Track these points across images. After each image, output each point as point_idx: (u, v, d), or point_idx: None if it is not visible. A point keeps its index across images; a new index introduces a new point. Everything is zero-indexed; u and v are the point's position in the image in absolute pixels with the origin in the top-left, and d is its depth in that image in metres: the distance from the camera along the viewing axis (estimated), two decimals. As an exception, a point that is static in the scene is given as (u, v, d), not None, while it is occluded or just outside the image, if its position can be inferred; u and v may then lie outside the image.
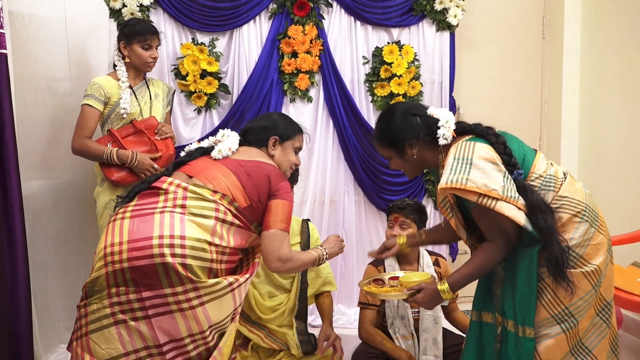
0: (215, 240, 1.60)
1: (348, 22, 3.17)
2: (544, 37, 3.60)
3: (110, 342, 1.52)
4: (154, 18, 2.98)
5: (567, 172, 1.69)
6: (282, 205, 1.72)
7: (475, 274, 1.62)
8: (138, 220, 1.58)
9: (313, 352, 2.20)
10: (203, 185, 1.67)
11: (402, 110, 1.72)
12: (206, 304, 1.54)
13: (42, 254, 2.52)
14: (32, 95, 2.47)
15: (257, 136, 1.89)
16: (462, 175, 1.51)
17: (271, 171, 1.76)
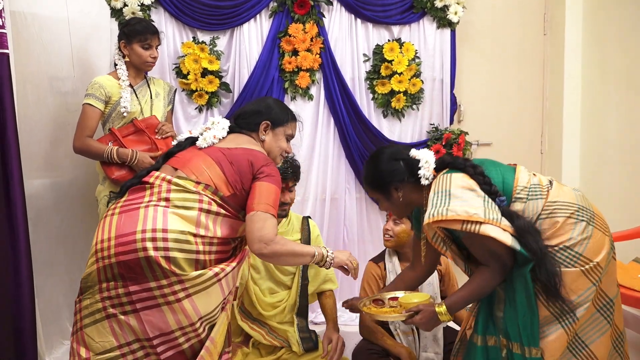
0: (200, 232, 1.60)
1: (348, 20, 3.17)
2: (545, 33, 3.59)
3: (103, 335, 1.55)
4: (155, 17, 2.99)
5: (552, 179, 1.73)
6: (265, 187, 1.66)
7: (473, 297, 1.67)
8: (125, 215, 1.60)
9: (314, 349, 2.21)
10: (186, 177, 1.67)
11: (387, 156, 1.80)
12: (193, 295, 1.55)
13: (45, 251, 2.53)
14: (34, 94, 2.48)
15: (248, 120, 1.85)
16: (442, 207, 1.56)
17: (255, 156, 1.72)
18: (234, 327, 2.27)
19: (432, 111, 3.32)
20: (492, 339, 1.69)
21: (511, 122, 3.62)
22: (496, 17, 3.52)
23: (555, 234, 1.60)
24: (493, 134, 3.58)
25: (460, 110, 3.48)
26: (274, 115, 1.87)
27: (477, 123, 3.53)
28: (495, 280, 1.61)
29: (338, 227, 3.32)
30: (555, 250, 1.59)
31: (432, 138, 3.27)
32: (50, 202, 2.61)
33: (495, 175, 1.66)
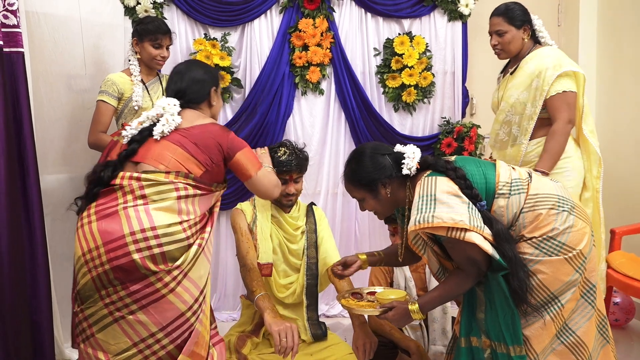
0: (183, 217, 1.64)
1: (359, 14, 3.17)
2: (559, 25, 3.54)
3: (117, 337, 1.58)
4: (167, 15, 3.03)
5: (531, 171, 1.75)
6: (244, 155, 1.79)
7: (445, 297, 1.70)
8: (105, 221, 1.60)
9: (323, 337, 2.22)
10: (154, 169, 1.67)
11: (370, 151, 1.77)
12: (188, 273, 1.61)
13: (62, 245, 2.60)
14: (49, 92, 2.55)
15: (196, 94, 1.84)
16: (428, 213, 1.57)
17: (216, 134, 1.76)
18: (246, 317, 2.30)
19: (444, 104, 3.31)
20: (475, 340, 1.72)
21: (525, 115, 3.57)
22: (509, 8, 3.48)
23: (538, 225, 1.62)
24: (506, 127, 3.54)
25: (473, 104, 3.46)
26: (215, 77, 1.92)
27: (490, 116, 3.45)
28: (468, 283, 1.64)
29: (350, 221, 3.33)
30: (539, 241, 1.61)
31: (443, 132, 3.26)
32: (66, 197, 2.67)
33: (477, 174, 1.67)
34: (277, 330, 1.90)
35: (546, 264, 1.59)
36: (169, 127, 1.73)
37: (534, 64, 2.41)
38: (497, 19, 2.47)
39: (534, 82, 2.38)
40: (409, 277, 2.28)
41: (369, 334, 2.11)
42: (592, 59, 3.39)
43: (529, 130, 2.40)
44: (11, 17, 2.08)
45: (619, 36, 3.21)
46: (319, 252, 2.29)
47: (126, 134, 1.76)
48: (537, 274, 1.60)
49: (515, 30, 2.45)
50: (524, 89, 2.41)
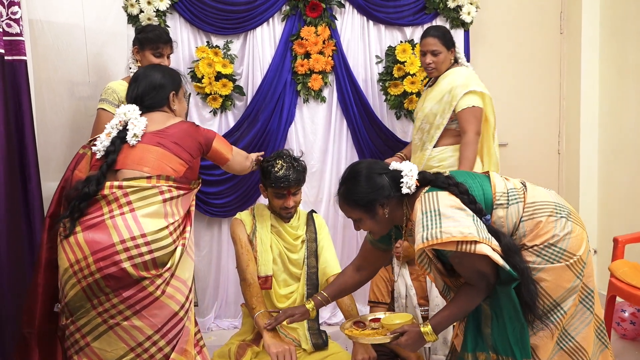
0: (169, 220, 1.67)
1: (360, 22, 3.18)
2: (562, 32, 3.55)
3: (114, 344, 1.59)
4: (170, 23, 3.04)
5: (524, 181, 1.74)
6: (218, 141, 1.95)
7: (458, 315, 1.66)
8: (91, 232, 1.59)
9: (323, 346, 2.21)
10: (138, 173, 1.68)
11: (366, 171, 1.69)
12: (176, 272, 1.64)
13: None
14: (51, 99, 2.56)
15: (154, 99, 1.86)
16: (435, 229, 1.51)
17: (191, 130, 1.85)
18: (247, 326, 2.30)
19: (446, 112, 3.30)
20: (483, 355, 1.69)
21: (528, 122, 3.58)
22: (511, 16, 3.49)
23: (539, 233, 1.61)
24: (509, 134, 3.54)
25: (475, 111, 3.45)
26: (174, 82, 1.94)
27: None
28: (479, 298, 1.62)
29: (351, 229, 3.29)
30: (540, 248, 1.60)
31: (445, 139, 3.25)
32: (68, 204, 2.68)
33: (475, 187, 1.66)
34: (275, 353, 1.92)
35: (549, 272, 1.59)
36: (138, 128, 1.74)
37: (447, 81, 2.72)
38: (434, 39, 2.71)
39: (445, 97, 2.68)
40: (410, 286, 2.27)
41: (368, 348, 2.10)
42: (595, 66, 3.39)
43: (434, 138, 2.71)
44: (14, 26, 2.10)
45: (621, 43, 3.20)
46: (319, 262, 2.28)
47: (98, 148, 1.76)
48: (540, 281, 1.59)
49: (447, 52, 2.73)
50: (436, 101, 2.71)
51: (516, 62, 3.52)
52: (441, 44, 2.70)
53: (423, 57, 2.75)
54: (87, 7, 2.73)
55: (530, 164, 3.52)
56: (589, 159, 3.44)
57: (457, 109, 2.64)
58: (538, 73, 3.55)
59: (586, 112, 3.42)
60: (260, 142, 3.12)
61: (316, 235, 2.31)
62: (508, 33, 3.49)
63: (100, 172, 1.69)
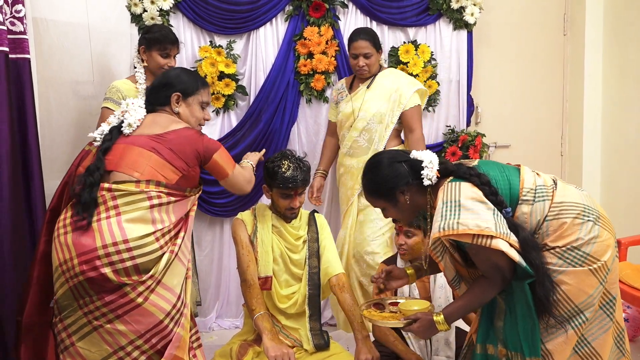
0: (157, 227, 1.63)
1: (364, 22, 3.18)
2: (565, 34, 3.54)
3: (97, 345, 1.59)
4: (173, 22, 3.05)
5: (556, 178, 1.72)
6: (220, 154, 1.85)
7: (471, 306, 1.67)
8: (79, 233, 1.59)
9: (325, 347, 2.21)
10: (127, 177, 1.66)
11: (386, 160, 1.75)
12: (162, 280, 1.61)
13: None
14: (56, 98, 2.56)
15: (157, 95, 1.83)
16: (453, 220, 1.53)
17: (190, 137, 1.77)
18: (248, 326, 2.29)
19: (449, 113, 3.31)
20: (491, 348, 1.69)
21: (530, 124, 3.57)
22: (515, 18, 3.49)
23: (562, 234, 1.59)
24: (512, 135, 3.54)
25: (478, 112, 3.45)
26: (183, 85, 1.86)
27: (495, 125, 3.50)
28: (494, 291, 1.61)
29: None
30: (562, 251, 1.58)
31: (448, 140, 3.25)
32: (71, 202, 2.68)
33: (501, 179, 1.65)
34: (274, 356, 1.92)
35: (570, 275, 1.56)
36: (134, 118, 1.74)
37: (390, 80, 2.82)
38: (365, 42, 2.76)
39: (393, 95, 2.77)
40: (414, 286, 2.27)
41: (371, 348, 2.10)
42: (598, 67, 3.39)
43: (385, 137, 2.78)
44: (18, 24, 2.10)
45: (624, 45, 3.20)
46: (321, 262, 2.28)
47: (95, 136, 1.80)
48: (561, 284, 1.57)
49: (377, 53, 2.81)
50: (384, 100, 2.77)
51: (519, 64, 3.52)
52: (372, 47, 2.76)
53: (354, 60, 2.78)
54: (91, 6, 2.73)
55: (532, 165, 3.43)
56: (591, 161, 3.44)
57: (405, 107, 2.76)
58: (541, 75, 3.55)
59: (589, 114, 3.42)
60: (263, 142, 3.12)
61: (318, 236, 2.31)
62: (511, 34, 3.49)
63: (97, 158, 1.70)
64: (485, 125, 3.47)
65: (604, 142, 3.41)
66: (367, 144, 2.78)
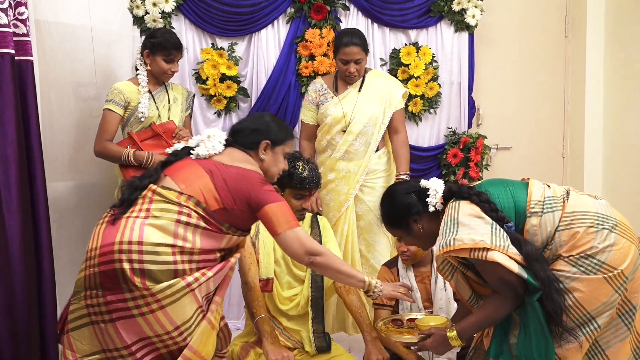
0: (177, 243, 1.59)
1: (365, 24, 3.18)
2: (567, 35, 3.55)
3: (88, 339, 1.59)
4: (175, 24, 3.06)
5: (569, 188, 1.72)
6: (277, 207, 1.68)
7: (485, 323, 1.68)
8: (109, 226, 1.62)
9: (327, 350, 2.21)
10: (171, 187, 1.66)
11: (397, 192, 1.86)
12: (166, 307, 1.55)
13: (67, 252, 2.61)
14: (58, 100, 2.57)
15: (247, 139, 1.81)
16: (450, 237, 1.59)
17: (250, 178, 1.70)
18: (250, 327, 2.30)
19: (450, 115, 3.31)
20: None
21: (532, 126, 3.57)
22: (516, 19, 3.49)
23: (576, 244, 1.58)
24: (513, 137, 3.54)
25: (479, 114, 3.46)
26: (274, 134, 1.83)
27: (497, 126, 3.50)
28: (507, 307, 1.61)
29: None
30: (576, 259, 1.57)
31: (449, 142, 3.26)
32: (73, 204, 2.69)
33: (504, 195, 1.67)
34: None
35: (583, 282, 1.55)
36: (205, 150, 1.75)
37: (380, 82, 2.79)
38: (356, 48, 2.66)
39: (384, 97, 2.74)
40: (416, 289, 2.27)
41: (381, 349, 2.11)
42: (600, 69, 3.38)
43: (378, 139, 2.76)
44: (21, 26, 2.11)
45: (626, 46, 3.20)
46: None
47: (171, 150, 1.83)
48: (574, 291, 1.56)
49: (366, 57, 2.75)
50: (377, 102, 2.74)
51: (521, 66, 3.52)
52: (362, 51, 2.67)
53: (344, 66, 2.66)
54: (93, 8, 2.74)
55: (534, 167, 3.52)
56: (593, 162, 3.44)
57: (396, 108, 2.76)
58: (542, 76, 3.55)
59: (590, 116, 3.42)
60: (265, 143, 3.12)
61: (321, 238, 2.31)
62: (512, 36, 3.49)
63: (155, 168, 1.76)
64: (486, 127, 3.47)
65: (606, 144, 3.41)
66: (364, 147, 2.73)
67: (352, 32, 2.71)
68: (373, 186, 2.77)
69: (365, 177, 2.75)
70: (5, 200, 2.02)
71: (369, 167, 2.74)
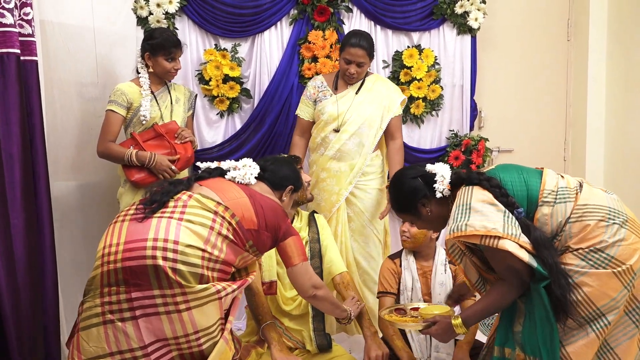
0: (207, 248, 1.62)
1: (368, 26, 3.19)
2: (569, 39, 3.55)
3: (97, 340, 1.58)
4: (179, 25, 3.07)
5: (582, 180, 1.71)
6: (294, 241, 1.86)
7: (489, 310, 1.69)
8: (136, 223, 1.63)
9: (328, 348, 2.22)
10: (213, 195, 1.72)
11: (405, 177, 1.86)
12: (193, 309, 1.58)
13: (70, 252, 2.62)
14: (61, 100, 2.59)
15: (277, 180, 1.99)
16: (461, 222, 1.59)
17: (280, 211, 1.86)
18: (251, 328, 2.31)
19: (452, 117, 3.32)
20: (509, 352, 1.69)
21: (534, 129, 3.58)
22: (519, 23, 3.50)
23: (586, 237, 1.58)
24: (515, 140, 3.55)
25: (481, 117, 3.46)
26: (298, 182, 2.07)
27: (499, 129, 3.51)
28: (512, 294, 1.62)
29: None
30: (585, 252, 1.57)
31: (451, 144, 3.26)
32: (75, 203, 2.70)
33: (517, 181, 1.67)
34: None
35: (592, 277, 1.55)
36: (240, 176, 1.87)
37: (380, 85, 2.80)
38: (361, 51, 2.66)
39: (385, 101, 2.75)
40: (416, 279, 2.30)
41: (381, 344, 2.13)
42: (602, 73, 3.39)
43: (374, 143, 2.75)
44: (26, 27, 2.13)
45: (628, 50, 3.20)
46: (324, 261, 2.30)
47: (203, 166, 1.94)
48: (583, 286, 1.56)
49: (369, 62, 2.75)
50: (377, 105, 2.74)
51: (523, 69, 3.53)
52: (367, 56, 2.67)
53: (346, 65, 2.67)
54: (96, 9, 2.76)
55: (535, 170, 3.52)
56: (594, 165, 3.44)
57: (395, 114, 2.77)
58: (544, 79, 3.56)
59: (592, 119, 3.43)
60: (267, 145, 3.14)
61: (319, 236, 2.33)
62: (515, 39, 3.50)
63: (187, 180, 1.82)
64: (488, 129, 3.48)
65: (607, 147, 3.41)
66: (357, 148, 2.71)
67: (361, 35, 2.71)
68: (365, 188, 2.77)
69: (358, 179, 2.75)
70: (10, 199, 2.04)
71: (365, 169, 2.75)
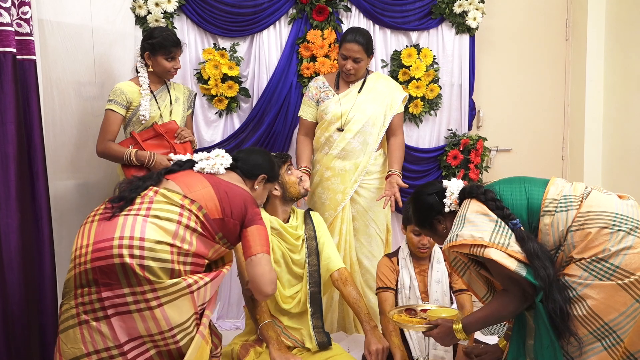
0: (176, 243, 1.62)
1: (367, 26, 3.19)
2: (567, 39, 3.56)
3: (74, 341, 1.58)
4: (177, 24, 3.07)
5: (593, 187, 1.67)
6: (258, 229, 1.80)
7: (490, 319, 1.70)
8: (104, 222, 1.64)
9: (327, 345, 2.22)
10: (176, 190, 1.72)
11: (422, 194, 1.90)
12: (164, 305, 1.57)
13: (68, 251, 2.61)
14: (60, 99, 2.58)
15: (249, 169, 1.97)
16: (454, 233, 1.63)
17: (247, 197, 1.83)
18: (250, 327, 2.31)
19: (450, 117, 3.32)
20: None
21: (532, 128, 3.59)
22: (517, 22, 3.50)
23: (588, 246, 1.52)
24: (513, 139, 3.55)
25: (480, 116, 3.47)
26: (273, 172, 2.05)
27: (497, 129, 3.51)
28: (513, 305, 1.61)
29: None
30: (587, 262, 1.51)
31: (449, 144, 3.27)
32: (74, 203, 2.70)
33: (517, 192, 1.68)
34: None
35: (596, 289, 1.47)
36: (209, 167, 1.85)
37: (382, 84, 2.80)
38: (357, 46, 2.65)
39: (387, 99, 2.75)
40: (414, 277, 2.31)
41: (381, 338, 2.14)
42: (600, 72, 3.40)
43: (378, 140, 2.76)
44: (24, 25, 2.12)
45: (626, 50, 3.21)
46: (321, 259, 2.31)
47: (174, 159, 1.92)
48: (586, 299, 1.49)
49: (367, 59, 2.72)
50: (379, 104, 2.74)
51: (521, 68, 3.53)
52: (363, 52, 2.66)
53: (343, 61, 2.68)
54: (95, 8, 2.76)
55: (534, 169, 3.51)
56: (593, 165, 3.45)
57: (397, 111, 2.77)
58: (543, 79, 3.57)
59: (591, 119, 3.43)
60: (266, 144, 3.14)
61: (315, 233, 2.34)
62: (513, 39, 3.50)
63: (156, 174, 1.81)
64: (486, 129, 3.48)
65: (605, 147, 3.42)
66: (362, 146, 2.72)
67: (358, 31, 2.71)
68: (369, 187, 2.78)
69: (362, 178, 2.75)
70: (3, 198, 2.03)
71: (369, 168, 2.75)
